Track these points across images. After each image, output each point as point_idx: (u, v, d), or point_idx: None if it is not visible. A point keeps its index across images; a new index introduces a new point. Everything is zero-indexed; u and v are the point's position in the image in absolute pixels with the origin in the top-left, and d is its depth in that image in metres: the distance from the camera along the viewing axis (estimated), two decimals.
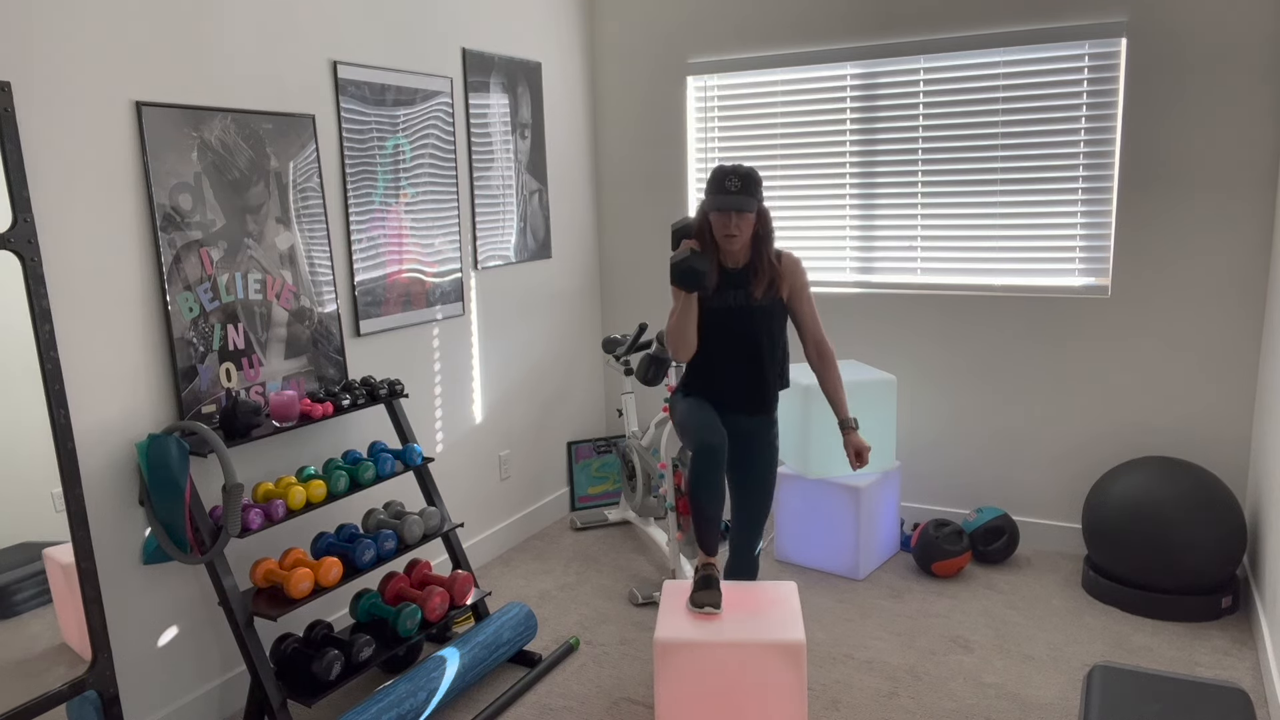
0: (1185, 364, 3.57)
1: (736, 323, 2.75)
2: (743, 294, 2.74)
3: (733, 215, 2.64)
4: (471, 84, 3.71)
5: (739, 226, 2.65)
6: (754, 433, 2.86)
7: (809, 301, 2.82)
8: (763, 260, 2.73)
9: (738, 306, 2.74)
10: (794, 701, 2.45)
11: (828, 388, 2.86)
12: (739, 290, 2.74)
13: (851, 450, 2.82)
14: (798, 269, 2.80)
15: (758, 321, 2.75)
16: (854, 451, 2.81)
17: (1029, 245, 3.78)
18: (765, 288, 2.74)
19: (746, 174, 2.63)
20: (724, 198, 2.61)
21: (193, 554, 2.51)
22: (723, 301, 2.74)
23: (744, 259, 2.75)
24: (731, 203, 2.61)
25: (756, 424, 2.85)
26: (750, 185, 2.63)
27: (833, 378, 2.85)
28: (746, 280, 2.74)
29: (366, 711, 2.50)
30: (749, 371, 2.78)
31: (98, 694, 2.32)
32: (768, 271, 2.74)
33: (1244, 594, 3.38)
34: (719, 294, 2.75)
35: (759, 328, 2.75)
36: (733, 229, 2.65)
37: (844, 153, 4.08)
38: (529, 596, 3.62)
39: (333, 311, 3.10)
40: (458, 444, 3.77)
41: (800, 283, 2.80)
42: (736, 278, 2.75)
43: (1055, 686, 2.87)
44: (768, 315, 2.76)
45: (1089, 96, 3.59)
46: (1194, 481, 3.22)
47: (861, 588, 3.60)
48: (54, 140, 2.31)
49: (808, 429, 3.66)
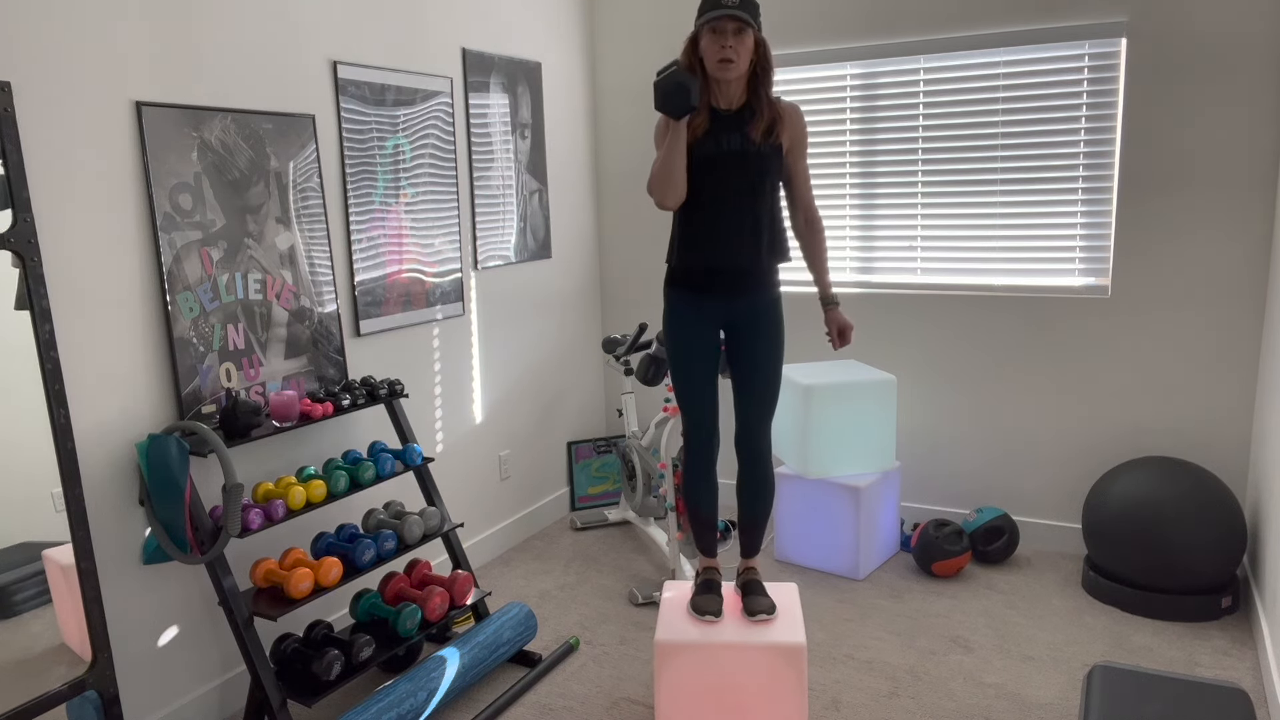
0: (1185, 364, 3.57)
1: (731, 172, 2.42)
2: (738, 137, 2.42)
3: (729, 30, 2.32)
4: (471, 84, 3.71)
5: (736, 49, 2.33)
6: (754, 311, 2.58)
7: (805, 161, 2.55)
8: (760, 100, 2.44)
9: (732, 151, 2.42)
10: (794, 702, 2.45)
11: (813, 258, 2.63)
12: (734, 133, 2.42)
13: (834, 327, 2.60)
14: (799, 117, 2.51)
15: (756, 168, 2.42)
16: (836, 329, 2.60)
17: (1029, 245, 3.78)
18: (765, 131, 2.43)
19: None
20: (720, 10, 2.30)
21: (193, 554, 2.51)
22: (716, 146, 2.42)
23: (739, 99, 2.45)
24: (728, 13, 2.29)
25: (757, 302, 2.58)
26: (750, 4, 2.32)
27: (819, 250, 2.62)
28: (744, 122, 2.43)
29: (366, 711, 2.50)
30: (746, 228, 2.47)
31: (98, 694, 2.32)
32: (768, 111, 2.44)
33: (1244, 594, 3.38)
34: (711, 137, 2.42)
35: (756, 177, 2.43)
36: (729, 50, 2.32)
37: (844, 153, 4.08)
38: (529, 596, 3.62)
39: (333, 311, 3.10)
40: (458, 444, 3.77)
41: (801, 135, 2.51)
42: (731, 120, 2.44)
43: (1055, 686, 2.87)
44: (766, 162, 2.44)
45: (1089, 96, 3.59)
46: (1194, 481, 3.22)
47: (861, 588, 3.60)
48: (54, 140, 2.31)
49: (807, 429, 3.66)
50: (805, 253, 2.67)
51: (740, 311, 2.58)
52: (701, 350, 2.59)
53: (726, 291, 2.55)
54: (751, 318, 2.58)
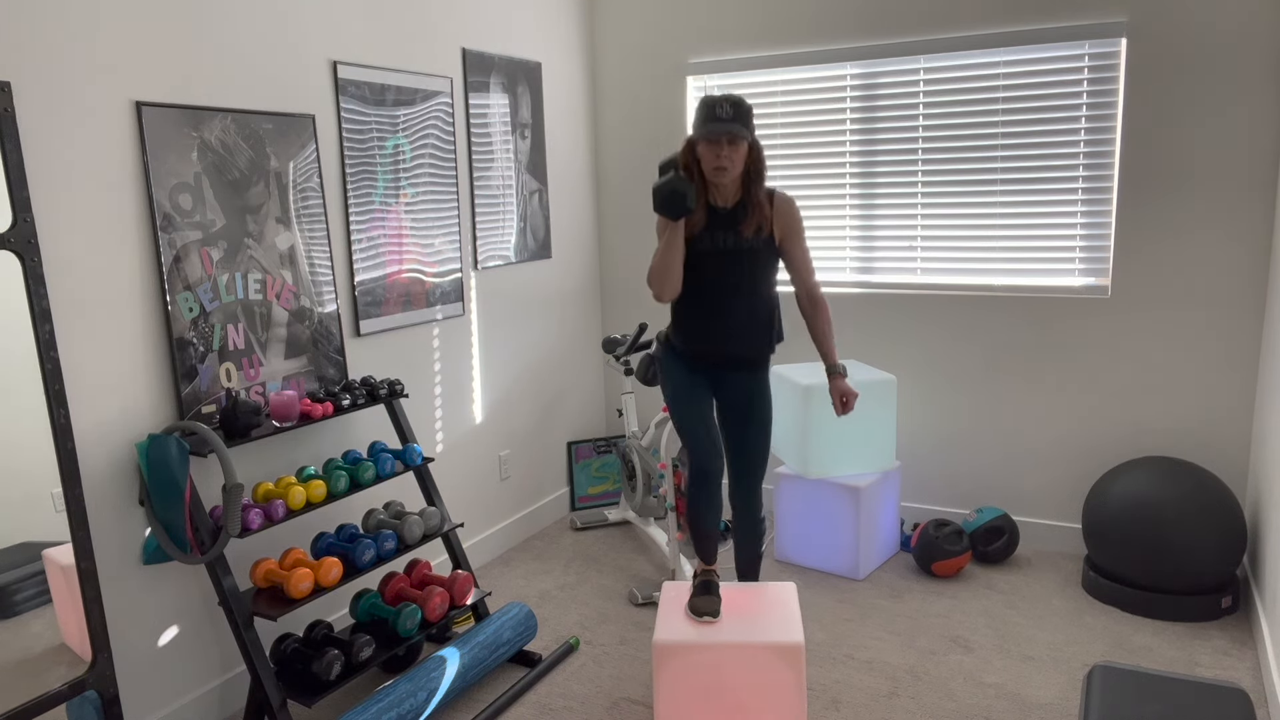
0: (1185, 364, 3.57)
1: (725, 266, 2.57)
2: (732, 235, 2.56)
3: (724, 143, 2.45)
4: (471, 84, 3.71)
5: (730, 158, 2.47)
6: (746, 388, 2.72)
7: (802, 245, 2.66)
8: (753, 198, 2.56)
9: (727, 248, 2.56)
10: (793, 702, 2.45)
11: (817, 333, 2.72)
12: (729, 231, 2.56)
13: (837, 395, 2.68)
14: (792, 209, 2.63)
15: (748, 264, 2.57)
16: (839, 396, 2.68)
17: (1029, 245, 3.78)
18: (756, 228, 2.57)
19: (738, 101, 2.45)
20: (714, 125, 2.43)
21: (193, 554, 2.51)
22: (712, 243, 2.56)
23: (734, 198, 2.58)
24: (723, 129, 2.42)
25: (747, 379, 2.72)
26: (742, 114, 2.45)
27: (823, 324, 2.71)
28: (737, 220, 2.57)
29: (366, 711, 2.50)
30: (739, 319, 2.62)
31: (98, 694, 2.32)
32: (759, 210, 2.57)
33: (1244, 594, 3.38)
34: (708, 234, 2.57)
35: (749, 271, 2.58)
36: (723, 160, 2.46)
37: (844, 153, 4.08)
38: (529, 596, 3.62)
39: (333, 311, 3.11)
40: (458, 444, 3.77)
41: (794, 225, 2.63)
42: (726, 218, 2.57)
43: (1055, 686, 2.87)
44: (758, 258, 2.58)
45: (1089, 96, 3.59)
46: (1194, 481, 3.22)
47: (861, 588, 3.60)
48: (54, 140, 2.31)
49: (807, 429, 3.66)
50: (810, 329, 2.77)
51: (731, 385, 2.74)
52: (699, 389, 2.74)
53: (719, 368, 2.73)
54: (744, 393, 2.74)
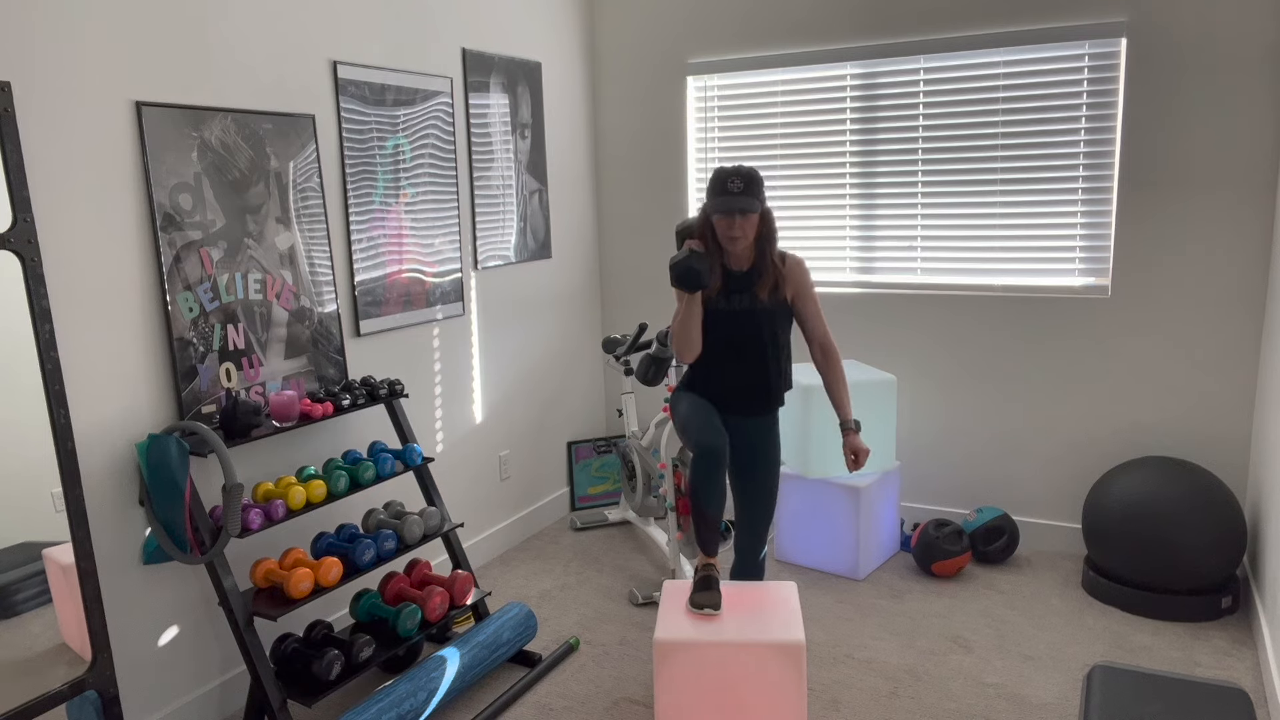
0: (1185, 364, 3.57)
1: (741, 325, 2.75)
2: (747, 297, 2.74)
3: (736, 218, 2.64)
4: (471, 84, 3.71)
5: (743, 229, 2.65)
6: (756, 434, 2.86)
7: (814, 302, 2.82)
8: (766, 262, 2.73)
9: (742, 309, 2.74)
10: (794, 702, 2.45)
11: (831, 389, 2.86)
12: (744, 293, 2.74)
13: (849, 452, 2.80)
14: (802, 270, 2.80)
15: (762, 324, 2.75)
16: (852, 453, 2.80)
17: (1029, 245, 3.78)
18: (770, 290, 2.74)
19: (749, 175, 2.62)
20: (727, 199, 2.61)
21: (193, 554, 2.51)
22: (728, 304, 2.75)
23: (749, 261, 2.76)
24: (735, 204, 2.60)
25: (758, 425, 2.85)
26: (753, 186, 2.62)
27: (837, 378, 2.85)
28: (751, 283, 2.75)
29: (366, 711, 2.50)
30: (753, 373, 2.78)
31: (98, 694, 2.32)
32: (772, 273, 2.74)
33: (1244, 594, 3.38)
34: (724, 296, 2.75)
35: (763, 330, 2.75)
36: (736, 231, 2.65)
37: (844, 153, 4.08)
38: (529, 596, 3.62)
39: (333, 311, 3.10)
40: (458, 444, 3.77)
41: (804, 284, 2.80)
42: (741, 280, 2.75)
43: (1055, 686, 2.87)
44: (772, 317, 2.76)
45: (1089, 96, 3.59)
46: (1194, 481, 3.22)
47: (861, 588, 3.60)
48: (54, 140, 2.31)
49: (808, 429, 3.66)
50: (825, 381, 2.88)
51: (743, 430, 2.86)
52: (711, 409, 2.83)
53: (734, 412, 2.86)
54: (754, 439, 2.86)
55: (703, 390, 2.85)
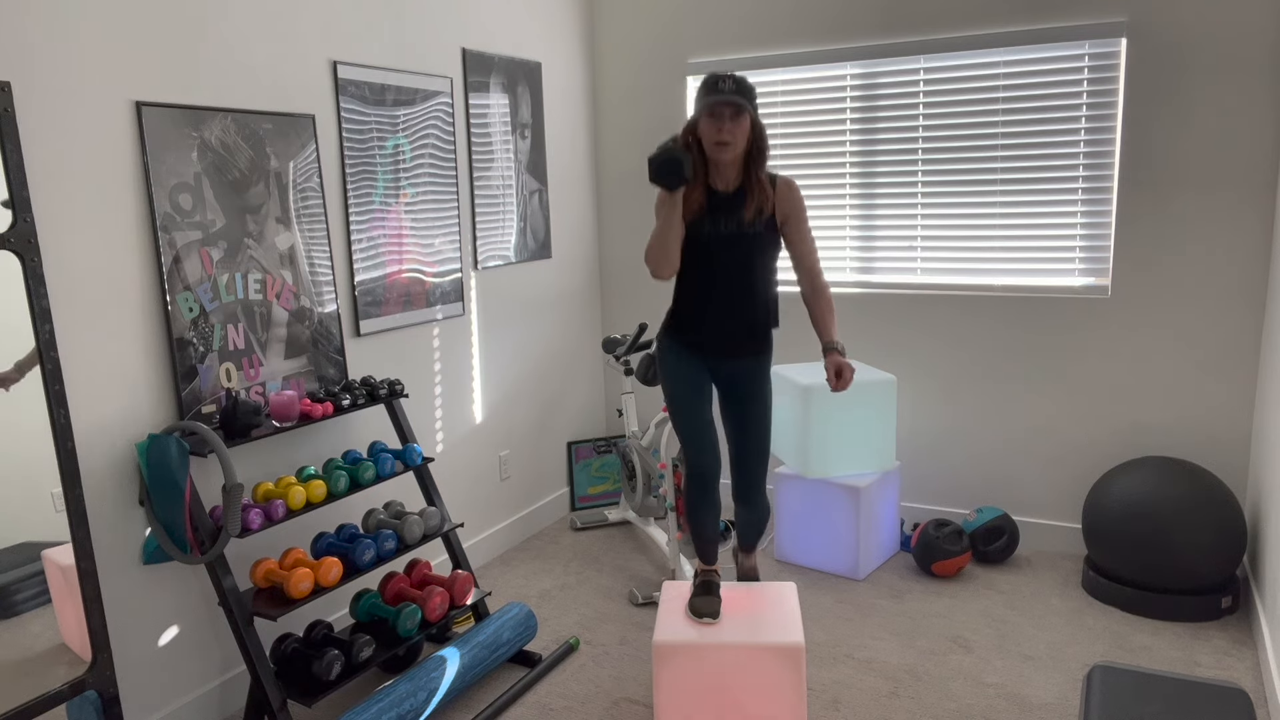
0: (1185, 364, 3.57)
1: (727, 252, 2.52)
2: (733, 220, 2.52)
3: (726, 116, 2.40)
4: (471, 84, 3.71)
5: (732, 132, 2.42)
6: (747, 380, 2.68)
7: (805, 228, 2.60)
8: (754, 181, 2.52)
9: (728, 233, 2.51)
10: (793, 703, 2.45)
11: (817, 315, 2.65)
12: (729, 216, 2.52)
13: (832, 368, 2.58)
14: (794, 193, 2.58)
15: (749, 250, 2.52)
16: (834, 369, 2.58)
17: (1029, 245, 3.78)
18: (758, 212, 2.52)
19: (742, 79, 2.42)
20: (717, 96, 2.38)
21: (193, 554, 2.51)
22: (713, 228, 2.52)
23: (735, 181, 2.54)
24: (726, 99, 2.37)
25: (749, 369, 2.68)
26: (746, 90, 2.42)
27: (824, 307, 2.64)
28: (739, 204, 2.52)
29: (366, 711, 2.50)
30: (740, 306, 2.57)
31: (98, 694, 2.32)
32: (759, 193, 2.52)
33: (1244, 594, 3.38)
34: (709, 220, 2.53)
35: (750, 257, 2.53)
36: (725, 134, 2.41)
37: (844, 153, 4.08)
38: (529, 596, 3.62)
39: (333, 311, 3.10)
40: (458, 444, 3.77)
41: (797, 208, 2.58)
42: (728, 202, 2.52)
43: (1055, 686, 2.87)
44: (759, 243, 2.54)
45: (1089, 96, 3.59)
46: (1194, 481, 3.22)
47: (861, 588, 3.60)
48: (54, 140, 2.31)
49: (808, 429, 3.66)
50: (811, 313, 2.70)
51: (732, 372, 2.69)
52: (697, 387, 2.70)
53: (719, 355, 2.68)
54: (745, 380, 2.69)
55: (684, 331, 2.64)
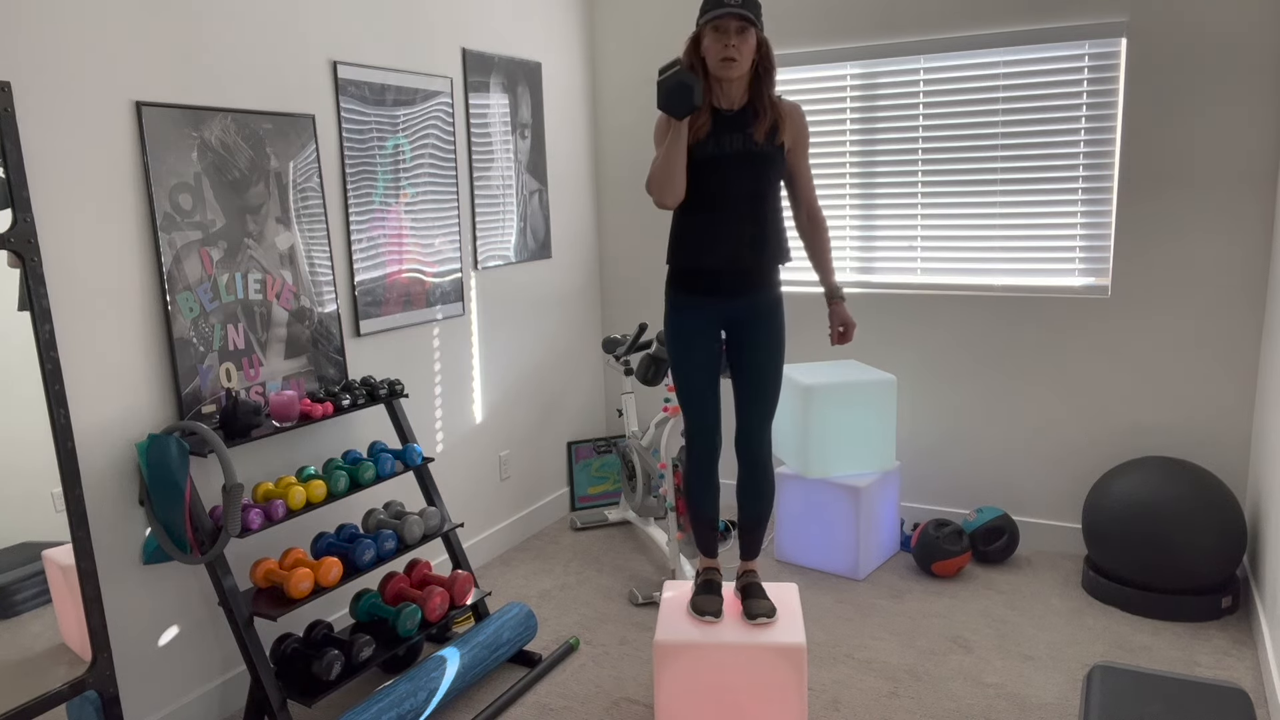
0: (1185, 364, 3.57)
1: (735, 171, 2.42)
2: (740, 138, 2.41)
3: (732, 28, 2.31)
4: (471, 84, 3.71)
5: (739, 48, 2.33)
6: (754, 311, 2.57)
7: (807, 159, 2.55)
8: (763, 99, 2.44)
9: (735, 152, 2.41)
10: (794, 703, 2.45)
11: (816, 254, 2.61)
12: (736, 134, 2.42)
13: (837, 321, 2.56)
14: (800, 116, 2.51)
15: (758, 170, 2.42)
16: (839, 322, 2.56)
17: (1029, 245, 3.78)
18: (768, 130, 2.42)
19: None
20: (722, 9, 2.30)
21: (193, 554, 2.51)
22: (718, 148, 2.41)
23: (741, 99, 2.45)
24: (731, 11, 2.29)
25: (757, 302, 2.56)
26: (751, 2, 2.32)
27: (823, 246, 2.60)
28: (746, 123, 2.43)
29: (366, 711, 2.50)
30: (747, 230, 2.46)
31: (98, 694, 2.32)
32: (770, 111, 2.44)
33: (1244, 594, 3.38)
34: (713, 138, 2.42)
35: (760, 178, 2.43)
36: (732, 50, 2.32)
37: (844, 153, 4.08)
38: (529, 596, 3.62)
39: (333, 311, 3.10)
40: (458, 444, 3.77)
41: (803, 133, 2.51)
42: (733, 120, 2.43)
43: (1055, 686, 2.87)
44: (769, 163, 2.44)
45: (1089, 96, 3.59)
46: (1194, 481, 3.22)
47: (861, 588, 3.60)
48: (54, 140, 2.31)
49: (808, 429, 3.66)
50: (809, 250, 2.65)
51: (741, 311, 2.56)
52: (703, 352, 2.59)
53: (728, 293, 2.54)
54: (752, 318, 2.57)
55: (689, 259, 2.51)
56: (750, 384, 2.61)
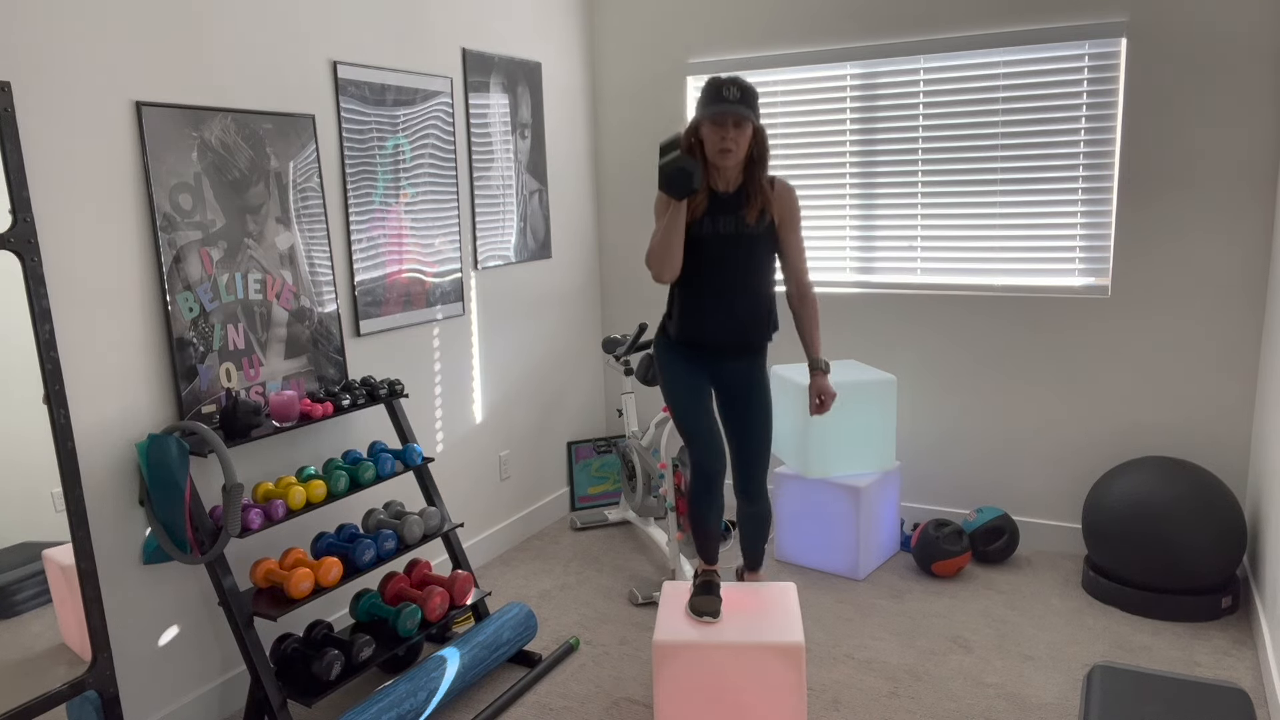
0: (1185, 364, 3.57)
1: (728, 251, 2.56)
2: (733, 220, 2.56)
3: (730, 124, 2.45)
4: (471, 84, 3.71)
5: (735, 140, 2.46)
6: (746, 378, 2.72)
7: (799, 234, 2.66)
8: (756, 184, 2.57)
9: (729, 233, 2.56)
10: (793, 702, 2.45)
11: (804, 327, 2.73)
12: (730, 216, 2.56)
13: (815, 393, 2.69)
14: (792, 196, 2.63)
15: (749, 250, 2.57)
16: (817, 393, 2.69)
17: (1029, 245, 3.78)
18: (758, 214, 2.56)
19: (746, 85, 2.45)
20: (721, 105, 2.42)
21: (193, 554, 2.51)
22: (713, 228, 2.56)
23: (736, 182, 2.59)
24: (729, 110, 2.41)
25: (748, 368, 2.71)
26: (749, 97, 2.45)
27: (810, 317, 2.72)
28: (739, 205, 2.56)
29: (366, 711, 2.50)
30: (740, 305, 2.61)
31: (98, 694, 2.32)
32: (761, 196, 2.57)
33: (1244, 594, 3.38)
34: (709, 220, 2.56)
35: (751, 257, 2.57)
36: (729, 142, 2.46)
37: (844, 153, 4.08)
38: (529, 596, 3.62)
39: (333, 311, 3.11)
40: (458, 444, 3.77)
41: (793, 212, 2.63)
42: (728, 203, 2.57)
43: (1055, 686, 2.87)
44: (760, 244, 2.58)
45: (1089, 96, 3.59)
46: (1194, 481, 3.22)
47: (861, 588, 3.60)
48: (54, 140, 2.31)
49: (808, 429, 3.66)
50: (798, 322, 2.76)
51: (730, 374, 2.72)
52: (698, 386, 2.72)
53: (718, 355, 2.71)
54: (743, 381, 2.72)
55: (683, 331, 2.66)
56: (744, 442, 2.77)
